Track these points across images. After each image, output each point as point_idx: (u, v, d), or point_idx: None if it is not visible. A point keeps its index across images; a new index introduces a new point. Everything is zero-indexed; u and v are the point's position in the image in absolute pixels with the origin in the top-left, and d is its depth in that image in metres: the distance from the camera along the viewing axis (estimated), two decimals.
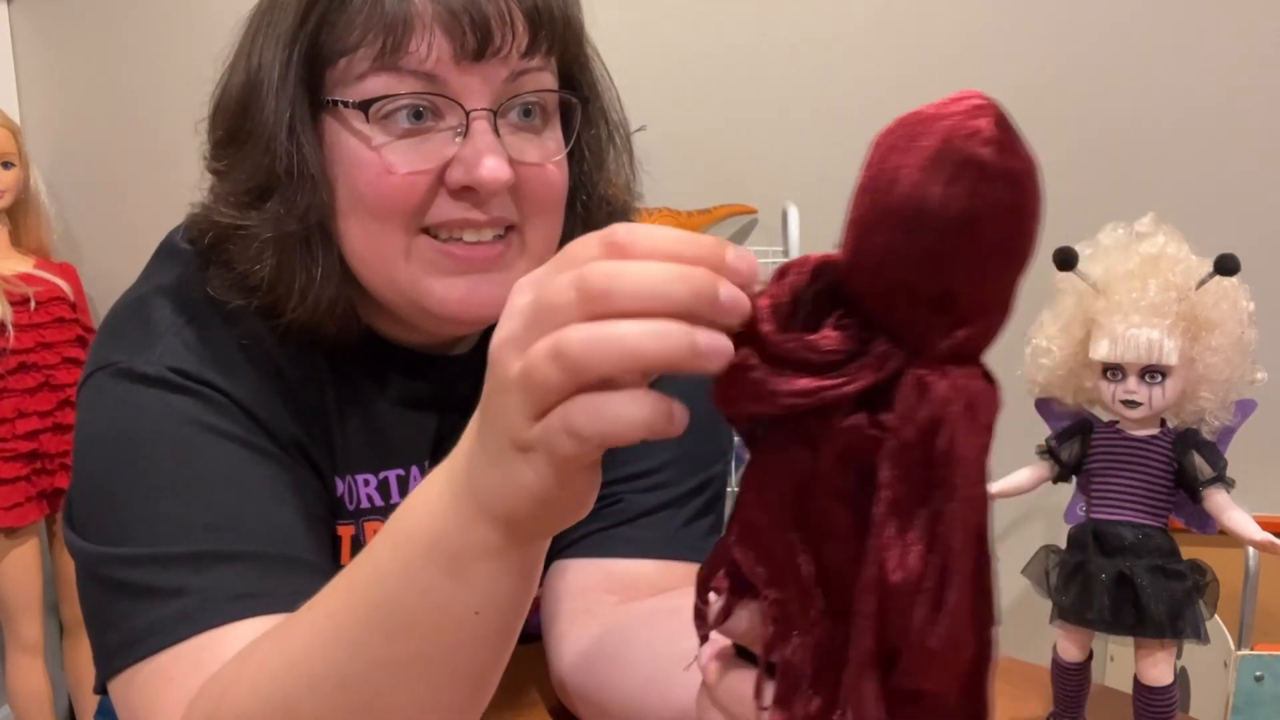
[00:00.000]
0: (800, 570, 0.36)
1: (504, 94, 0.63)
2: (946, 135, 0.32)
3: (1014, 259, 0.33)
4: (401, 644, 0.45)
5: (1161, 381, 0.71)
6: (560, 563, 0.77)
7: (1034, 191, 0.32)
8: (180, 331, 0.66)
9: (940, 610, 0.34)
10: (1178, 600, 0.69)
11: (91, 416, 0.66)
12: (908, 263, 0.32)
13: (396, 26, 0.60)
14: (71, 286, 1.90)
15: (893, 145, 0.33)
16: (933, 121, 0.32)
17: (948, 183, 0.31)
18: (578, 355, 0.34)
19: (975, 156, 0.31)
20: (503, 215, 0.64)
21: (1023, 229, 0.33)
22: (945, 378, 0.33)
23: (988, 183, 0.31)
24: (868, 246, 0.33)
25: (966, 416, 0.34)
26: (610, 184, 0.73)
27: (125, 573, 0.60)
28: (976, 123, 0.32)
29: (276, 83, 0.62)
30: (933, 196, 0.31)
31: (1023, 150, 0.32)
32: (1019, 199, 0.32)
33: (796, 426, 0.35)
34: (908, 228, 0.32)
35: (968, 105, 0.33)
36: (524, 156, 0.64)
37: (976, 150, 0.31)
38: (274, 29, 0.63)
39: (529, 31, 0.62)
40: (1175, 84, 1.75)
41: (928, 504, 0.34)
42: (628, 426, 0.34)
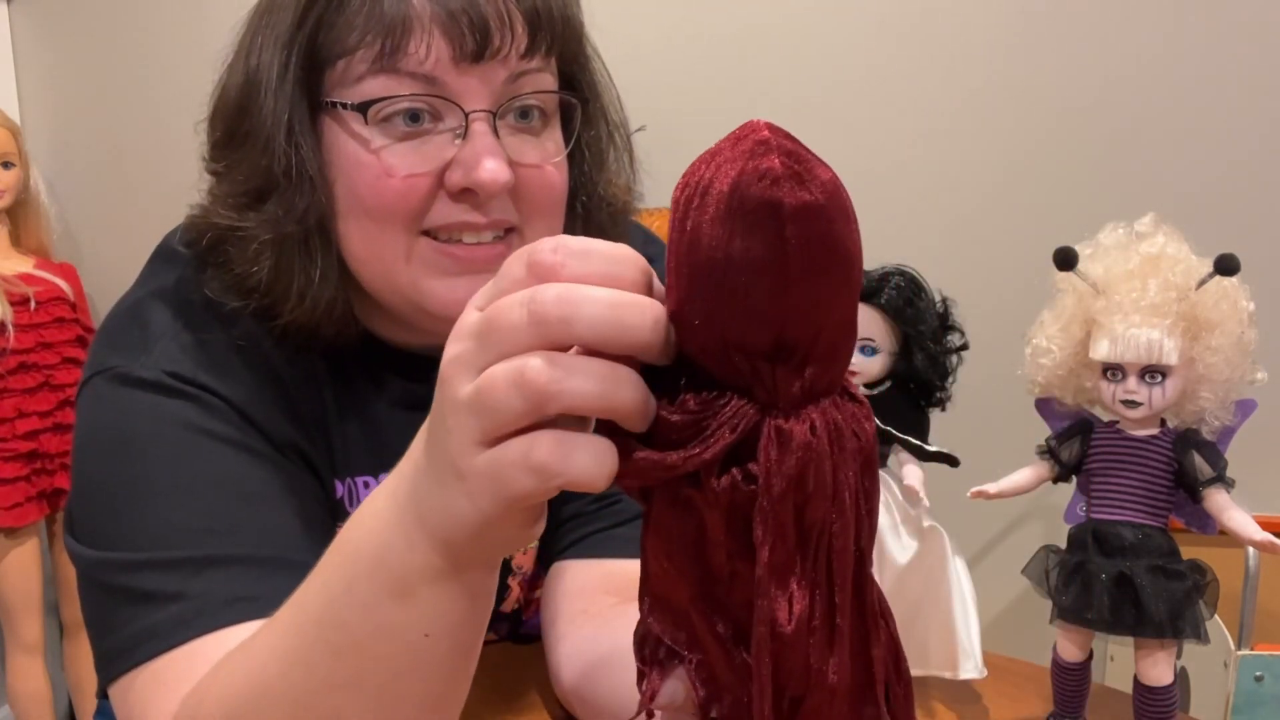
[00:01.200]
0: (716, 630, 0.35)
1: (503, 95, 0.63)
2: (736, 183, 0.31)
3: (838, 284, 0.32)
4: (350, 665, 0.44)
5: (1161, 381, 0.70)
6: (560, 564, 0.77)
7: (839, 213, 0.31)
8: (177, 335, 0.66)
9: (833, 644, 0.34)
10: (1178, 600, 0.69)
11: (89, 421, 0.66)
12: (729, 320, 0.32)
13: (395, 28, 0.60)
14: (71, 286, 1.90)
15: (689, 200, 0.32)
16: (720, 167, 0.31)
17: (745, 233, 0.31)
18: (543, 386, 0.33)
19: (768, 200, 0.30)
20: (502, 217, 0.64)
21: (838, 253, 0.32)
22: (803, 421, 0.33)
23: (788, 223, 0.30)
24: (687, 310, 0.32)
25: (835, 449, 0.33)
26: (611, 184, 0.73)
27: (123, 578, 0.60)
28: (764, 162, 0.31)
29: (275, 84, 0.62)
30: (733, 250, 0.31)
31: (819, 176, 0.31)
32: (823, 227, 0.31)
33: (678, 494, 0.34)
34: (718, 286, 0.31)
35: (751, 143, 0.31)
36: (523, 158, 0.64)
37: (767, 193, 0.30)
38: (272, 30, 0.63)
39: (528, 32, 0.62)
40: (1175, 84, 1.75)
41: (807, 545, 0.33)
42: (597, 475, 0.34)
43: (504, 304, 0.34)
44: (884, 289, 0.79)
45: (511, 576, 0.82)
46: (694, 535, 0.35)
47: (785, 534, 0.33)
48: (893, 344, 0.81)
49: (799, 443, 0.32)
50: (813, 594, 0.34)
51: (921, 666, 0.83)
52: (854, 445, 0.34)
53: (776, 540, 0.33)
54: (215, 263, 0.66)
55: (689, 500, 0.34)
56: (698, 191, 0.32)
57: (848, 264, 0.32)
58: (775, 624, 0.33)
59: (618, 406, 0.33)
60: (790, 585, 0.33)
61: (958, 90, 1.81)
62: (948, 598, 0.81)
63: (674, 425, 0.33)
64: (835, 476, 0.33)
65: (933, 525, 0.82)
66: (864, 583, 0.35)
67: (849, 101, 1.85)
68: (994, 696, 0.83)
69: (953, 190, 1.75)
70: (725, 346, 0.32)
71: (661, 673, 0.38)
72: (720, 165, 0.31)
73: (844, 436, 0.33)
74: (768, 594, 0.33)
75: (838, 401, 0.34)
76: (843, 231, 0.32)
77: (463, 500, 0.37)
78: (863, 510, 0.34)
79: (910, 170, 1.83)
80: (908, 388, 0.83)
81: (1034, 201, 1.72)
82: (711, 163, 0.32)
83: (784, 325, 0.31)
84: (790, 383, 0.32)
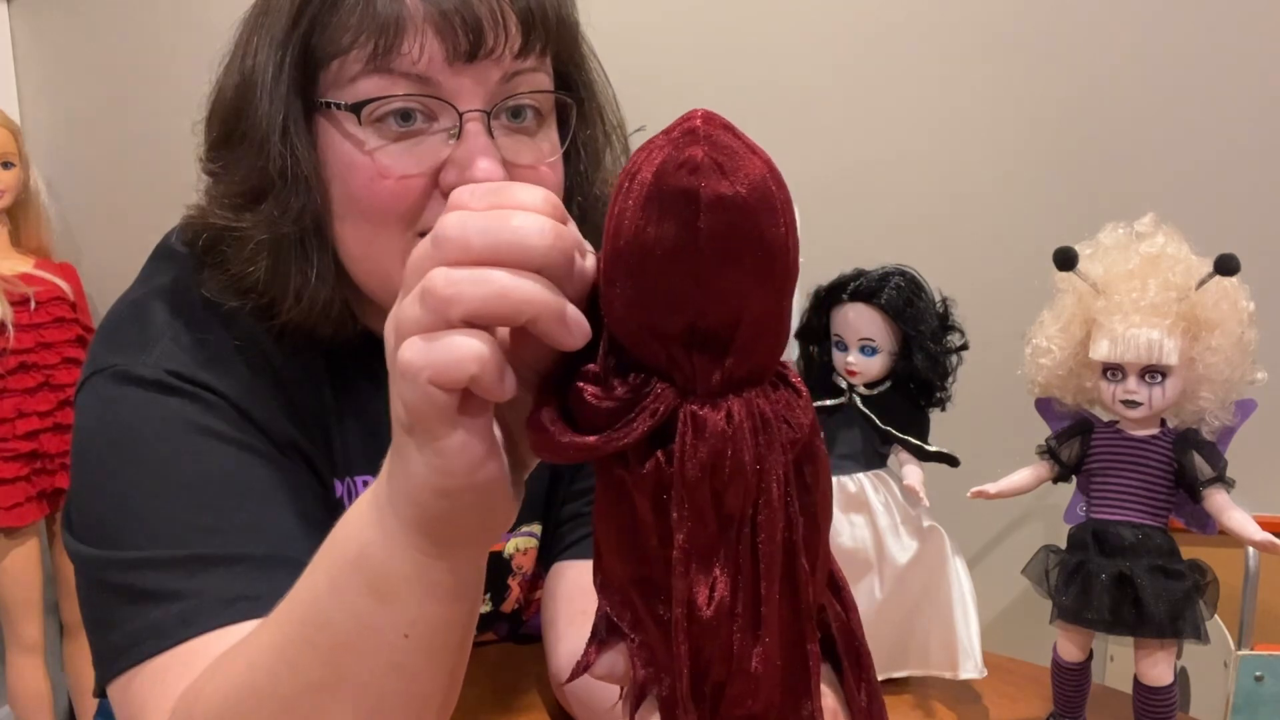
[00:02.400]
0: (656, 612, 0.36)
1: (498, 95, 0.62)
2: (659, 171, 0.31)
3: (758, 276, 0.32)
4: (334, 666, 0.44)
5: (1161, 381, 0.70)
6: (560, 564, 0.78)
7: (761, 205, 0.32)
8: (176, 334, 0.66)
9: (758, 633, 0.34)
10: (1178, 600, 0.69)
11: (88, 420, 0.66)
12: (646, 305, 0.32)
13: (388, 28, 0.59)
14: (71, 286, 1.90)
15: (619, 185, 0.33)
16: (651, 154, 0.32)
17: (660, 220, 0.31)
18: (440, 290, 0.33)
19: (685, 189, 0.31)
20: None
21: (757, 245, 0.32)
22: (719, 410, 0.33)
23: (703, 212, 0.31)
24: (611, 294, 0.33)
25: (759, 438, 0.34)
26: (607, 184, 0.73)
27: (122, 576, 0.60)
28: (688, 152, 0.31)
29: (270, 85, 0.62)
30: (648, 236, 0.31)
31: (745, 166, 0.32)
32: (742, 221, 0.31)
33: (611, 476, 0.35)
34: (635, 270, 0.32)
35: (681, 131, 0.32)
36: (518, 158, 0.64)
37: (685, 182, 0.31)
38: (268, 31, 0.63)
39: (522, 32, 0.62)
40: (1175, 83, 1.75)
41: (728, 531, 0.34)
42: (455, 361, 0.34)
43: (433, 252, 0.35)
44: (884, 289, 0.79)
45: (511, 577, 0.82)
46: (628, 517, 0.35)
47: (704, 519, 0.33)
48: (893, 344, 0.81)
49: (713, 430, 0.33)
50: (735, 581, 0.34)
51: (921, 666, 0.83)
52: (787, 435, 0.34)
53: (695, 525, 0.33)
54: (212, 262, 0.66)
55: (621, 482, 0.35)
56: (627, 176, 0.33)
57: (769, 257, 0.32)
58: (694, 606, 0.34)
59: (520, 304, 0.33)
60: (713, 570, 0.34)
61: (957, 90, 1.81)
62: (948, 598, 0.81)
63: (601, 410, 0.34)
64: (761, 466, 0.34)
65: (933, 525, 0.82)
66: (795, 575, 0.35)
67: (848, 101, 1.85)
68: (994, 696, 0.83)
69: (953, 190, 1.75)
70: (643, 331, 0.33)
71: (603, 645, 0.38)
72: (650, 152, 0.32)
73: (771, 426, 0.34)
74: (685, 576, 0.34)
75: (767, 391, 0.34)
76: (765, 224, 0.32)
77: (414, 455, 0.37)
78: (794, 502, 0.35)
79: (910, 170, 1.83)
80: (908, 388, 0.83)
81: (1034, 201, 1.72)
82: (645, 150, 0.32)
83: (698, 313, 0.32)
84: (709, 371, 0.33)
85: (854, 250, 0.90)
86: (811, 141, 1.88)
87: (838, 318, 0.82)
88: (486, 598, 0.82)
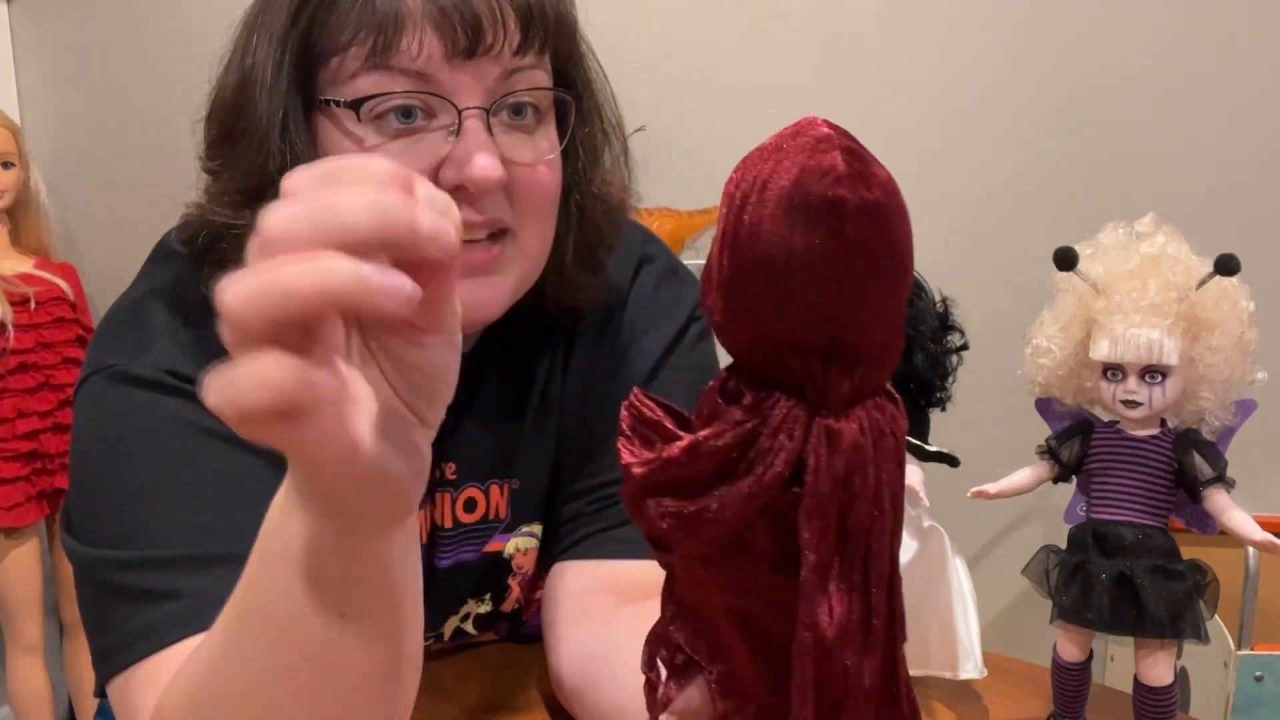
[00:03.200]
0: (747, 638, 0.35)
1: (496, 92, 0.62)
2: (798, 178, 0.30)
3: (894, 284, 0.32)
4: (278, 653, 0.44)
5: (1161, 381, 0.70)
6: (560, 564, 0.78)
7: (897, 215, 0.31)
8: (176, 333, 0.66)
9: (869, 647, 0.34)
10: (1178, 600, 0.69)
11: (87, 420, 0.66)
12: (787, 316, 0.31)
13: (387, 25, 0.59)
14: (71, 286, 1.90)
15: (746, 195, 0.32)
16: (781, 162, 0.31)
17: (807, 230, 0.30)
18: (230, 309, 0.32)
19: (831, 198, 0.30)
20: (497, 216, 0.64)
21: (895, 253, 0.31)
22: (851, 421, 0.32)
23: (849, 221, 0.30)
24: (739, 305, 0.32)
25: (879, 449, 0.33)
26: (606, 182, 0.73)
27: (120, 576, 0.60)
28: (826, 159, 0.31)
29: (269, 82, 0.62)
30: (796, 245, 0.30)
31: (878, 175, 0.31)
32: (884, 229, 0.31)
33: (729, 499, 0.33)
34: (777, 281, 0.31)
35: (812, 139, 0.31)
36: (517, 156, 0.64)
37: (831, 191, 0.30)
38: (266, 28, 0.63)
39: (520, 29, 0.62)
40: (1176, 84, 1.75)
41: (846, 546, 0.33)
42: (242, 397, 0.33)
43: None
44: None
45: (511, 577, 0.82)
46: (736, 545, 0.34)
47: (829, 536, 0.33)
48: None
49: (848, 443, 0.32)
50: (850, 596, 0.33)
51: (921, 666, 0.83)
52: (891, 444, 0.34)
53: (822, 543, 0.32)
54: (212, 260, 0.66)
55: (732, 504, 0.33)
56: (755, 187, 0.31)
57: (903, 265, 0.32)
58: (818, 629, 0.33)
59: (296, 300, 0.31)
60: (830, 588, 0.33)
61: (958, 91, 1.81)
62: (948, 598, 0.81)
63: (722, 447, 0.32)
64: (877, 477, 0.33)
65: (933, 525, 0.82)
66: (896, 583, 0.35)
67: (848, 102, 1.85)
68: (994, 696, 0.83)
69: (953, 190, 1.75)
70: (780, 344, 0.32)
71: (678, 681, 0.37)
72: (780, 161, 0.31)
73: (884, 436, 0.33)
74: (812, 598, 0.33)
75: (878, 401, 0.34)
76: (900, 232, 0.32)
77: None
78: (899, 510, 0.34)
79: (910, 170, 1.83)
80: (908, 388, 0.83)
81: (1034, 202, 1.72)
82: (770, 158, 0.31)
83: (841, 323, 0.31)
84: (841, 383, 0.32)
85: None
86: None
87: None
88: (486, 598, 0.82)
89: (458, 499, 0.76)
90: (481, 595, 0.82)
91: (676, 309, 0.80)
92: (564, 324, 0.76)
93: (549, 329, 0.76)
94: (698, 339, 0.81)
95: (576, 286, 0.74)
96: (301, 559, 0.42)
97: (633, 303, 0.80)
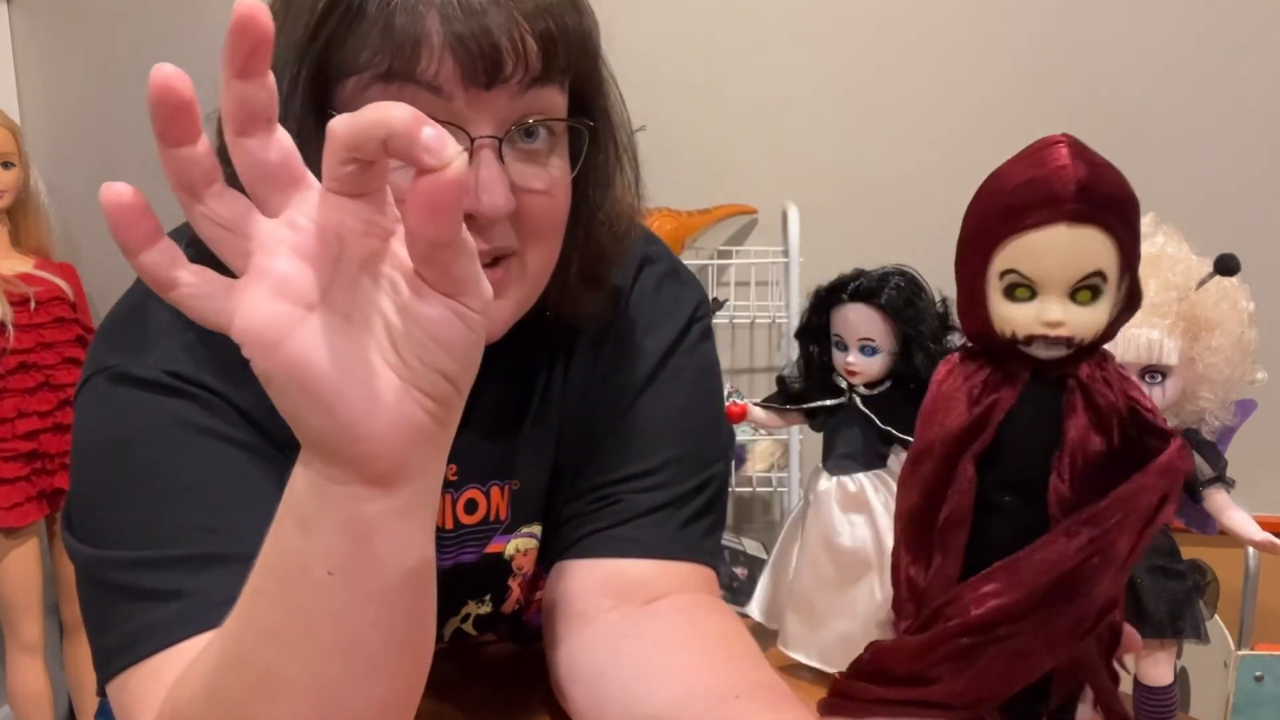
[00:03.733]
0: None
1: (510, 118, 0.61)
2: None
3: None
4: (279, 610, 0.46)
5: (1161, 381, 0.70)
6: (560, 564, 0.78)
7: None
8: (178, 334, 0.66)
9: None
10: (1178, 600, 0.69)
11: (88, 420, 0.66)
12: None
13: (405, 49, 0.58)
14: (71, 286, 1.90)
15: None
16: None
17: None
18: (333, 127, 0.40)
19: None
20: (503, 244, 0.63)
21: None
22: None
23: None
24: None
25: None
26: (615, 204, 0.73)
27: (122, 576, 0.60)
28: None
29: (284, 96, 0.62)
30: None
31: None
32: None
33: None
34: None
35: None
36: (527, 183, 0.63)
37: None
38: (284, 36, 0.62)
39: (541, 59, 0.61)
40: (1176, 84, 1.75)
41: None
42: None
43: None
44: (884, 289, 0.79)
45: (511, 577, 0.82)
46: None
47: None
48: (893, 344, 0.81)
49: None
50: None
51: None
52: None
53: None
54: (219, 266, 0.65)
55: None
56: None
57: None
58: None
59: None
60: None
61: (958, 90, 1.81)
62: None
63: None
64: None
65: None
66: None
67: (848, 102, 1.85)
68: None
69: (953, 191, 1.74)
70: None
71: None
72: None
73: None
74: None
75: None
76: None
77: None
78: None
79: (910, 170, 1.83)
80: (908, 388, 0.83)
81: None
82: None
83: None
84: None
85: (854, 250, 0.91)
86: (812, 142, 1.88)
87: (837, 318, 0.82)
88: (487, 599, 0.82)
89: (459, 500, 0.76)
90: (482, 596, 0.82)
91: (678, 310, 0.80)
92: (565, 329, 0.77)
93: (551, 331, 0.76)
94: (699, 340, 0.81)
95: (579, 303, 0.73)
96: (297, 510, 0.44)
97: (634, 303, 0.80)
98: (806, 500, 0.85)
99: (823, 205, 1.80)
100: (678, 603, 0.73)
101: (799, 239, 1.73)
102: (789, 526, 0.88)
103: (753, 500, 1.94)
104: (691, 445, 0.78)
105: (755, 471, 1.82)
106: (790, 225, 1.75)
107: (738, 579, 1.75)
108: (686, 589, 0.74)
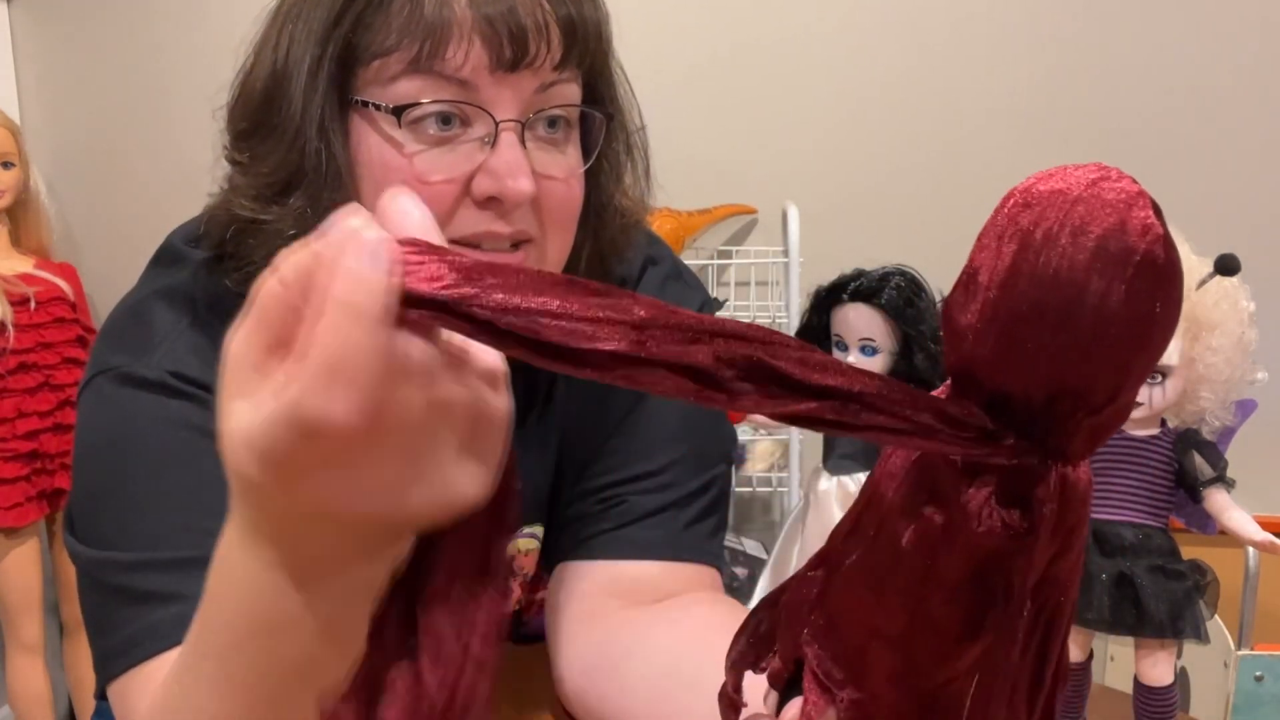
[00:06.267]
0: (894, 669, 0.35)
1: (533, 105, 0.62)
2: (1117, 230, 0.30)
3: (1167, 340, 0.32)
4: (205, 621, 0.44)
5: (1162, 381, 0.71)
6: (564, 565, 0.78)
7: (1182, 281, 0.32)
8: (181, 335, 0.66)
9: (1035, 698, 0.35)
10: (1178, 600, 0.69)
11: (90, 421, 0.66)
12: (1071, 364, 0.30)
13: (435, 32, 0.59)
14: (71, 286, 1.90)
15: (1050, 236, 0.31)
16: (1094, 212, 0.31)
17: (1130, 283, 0.30)
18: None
19: (1153, 257, 0.30)
20: (524, 228, 0.64)
21: (1177, 309, 0.32)
22: (1081, 470, 0.32)
23: (1162, 282, 0.30)
24: (1020, 344, 0.31)
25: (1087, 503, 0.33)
26: (626, 196, 0.73)
27: (123, 578, 0.60)
28: (1143, 216, 0.30)
29: (306, 79, 0.61)
30: (1103, 297, 0.30)
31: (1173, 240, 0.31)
32: (1180, 294, 0.31)
33: (925, 529, 0.33)
34: (1074, 328, 0.30)
35: (1125, 194, 0.31)
36: (549, 170, 0.64)
37: (1153, 250, 0.30)
38: (305, 22, 0.62)
39: (563, 45, 0.62)
40: (1176, 84, 1.75)
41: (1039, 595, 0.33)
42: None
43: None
44: (884, 289, 0.79)
45: (513, 578, 0.82)
46: (921, 573, 0.33)
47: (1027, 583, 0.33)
48: (893, 344, 0.81)
49: (1080, 495, 0.32)
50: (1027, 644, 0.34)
51: None
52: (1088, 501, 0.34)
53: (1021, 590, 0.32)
54: (233, 254, 0.65)
55: (929, 537, 0.33)
56: (1063, 230, 0.31)
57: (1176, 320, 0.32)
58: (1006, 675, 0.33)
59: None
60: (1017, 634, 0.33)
61: (957, 91, 1.81)
62: None
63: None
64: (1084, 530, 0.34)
65: None
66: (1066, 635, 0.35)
67: (848, 102, 1.85)
68: None
69: (953, 190, 1.75)
70: (1056, 393, 0.31)
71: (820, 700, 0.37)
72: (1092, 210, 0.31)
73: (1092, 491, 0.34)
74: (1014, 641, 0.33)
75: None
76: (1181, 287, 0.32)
77: None
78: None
79: (910, 170, 1.83)
80: None
81: None
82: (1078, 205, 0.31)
83: (1125, 379, 0.31)
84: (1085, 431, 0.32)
85: (854, 250, 0.90)
86: (812, 142, 1.88)
87: (838, 318, 0.82)
88: None
89: None
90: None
91: None
92: None
93: None
94: None
95: None
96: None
97: None
98: (806, 500, 0.85)
99: (823, 205, 1.80)
100: (700, 598, 0.73)
101: (799, 239, 1.73)
102: (789, 526, 0.88)
103: (753, 500, 1.94)
104: (695, 446, 0.78)
105: (755, 471, 1.82)
106: (790, 225, 1.75)
107: (738, 579, 1.75)
108: (694, 589, 0.75)
